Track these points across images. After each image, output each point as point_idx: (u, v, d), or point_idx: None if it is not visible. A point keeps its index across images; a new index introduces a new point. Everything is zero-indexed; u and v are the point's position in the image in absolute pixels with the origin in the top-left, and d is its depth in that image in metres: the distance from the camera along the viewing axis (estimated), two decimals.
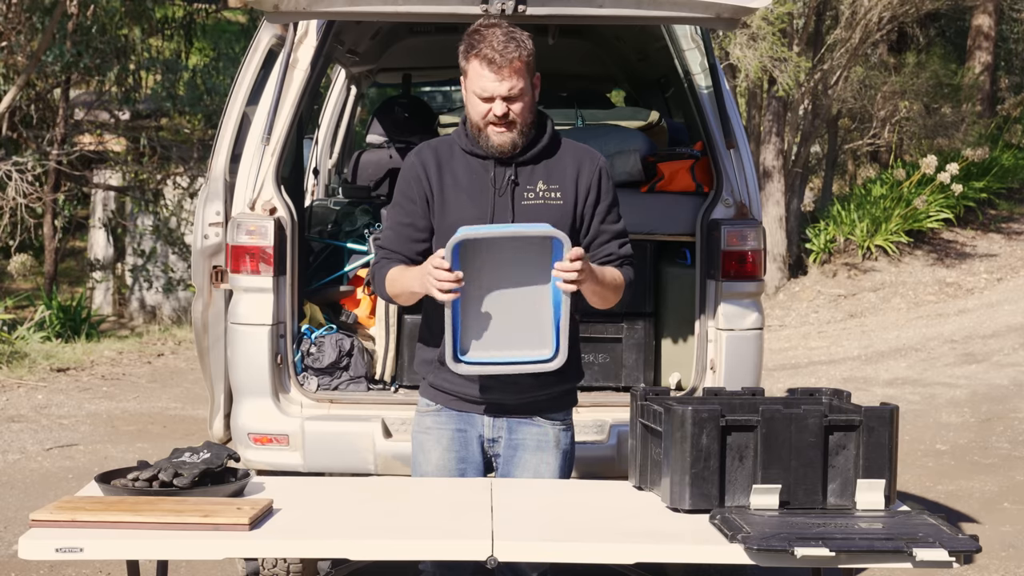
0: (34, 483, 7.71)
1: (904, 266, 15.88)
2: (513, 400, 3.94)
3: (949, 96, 18.01)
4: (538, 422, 3.99)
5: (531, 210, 3.86)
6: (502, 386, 3.90)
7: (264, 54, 5.53)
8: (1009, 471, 8.17)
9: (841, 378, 11.31)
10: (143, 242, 16.31)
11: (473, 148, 3.89)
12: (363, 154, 7.76)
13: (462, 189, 3.88)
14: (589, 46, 7.49)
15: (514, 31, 3.78)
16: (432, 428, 4.00)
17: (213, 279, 5.27)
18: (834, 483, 3.51)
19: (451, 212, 3.88)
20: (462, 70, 3.82)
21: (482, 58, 3.74)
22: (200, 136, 16.04)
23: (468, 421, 3.98)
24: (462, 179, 3.89)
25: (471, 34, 3.81)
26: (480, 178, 3.88)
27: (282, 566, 5.30)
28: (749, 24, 12.89)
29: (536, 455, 3.98)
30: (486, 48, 3.73)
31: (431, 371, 3.99)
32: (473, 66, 3.76)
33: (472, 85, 3.78)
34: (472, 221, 3.80)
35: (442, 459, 3.98)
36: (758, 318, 5.19)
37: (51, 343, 12.67)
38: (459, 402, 3.97)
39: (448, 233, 3.75)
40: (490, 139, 3.82)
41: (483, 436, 3.99)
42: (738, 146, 5.28)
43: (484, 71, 3.74)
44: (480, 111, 3.79)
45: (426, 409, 4.02)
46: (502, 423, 3.98)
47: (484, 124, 3.80)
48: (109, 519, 3.27)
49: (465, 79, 3.82)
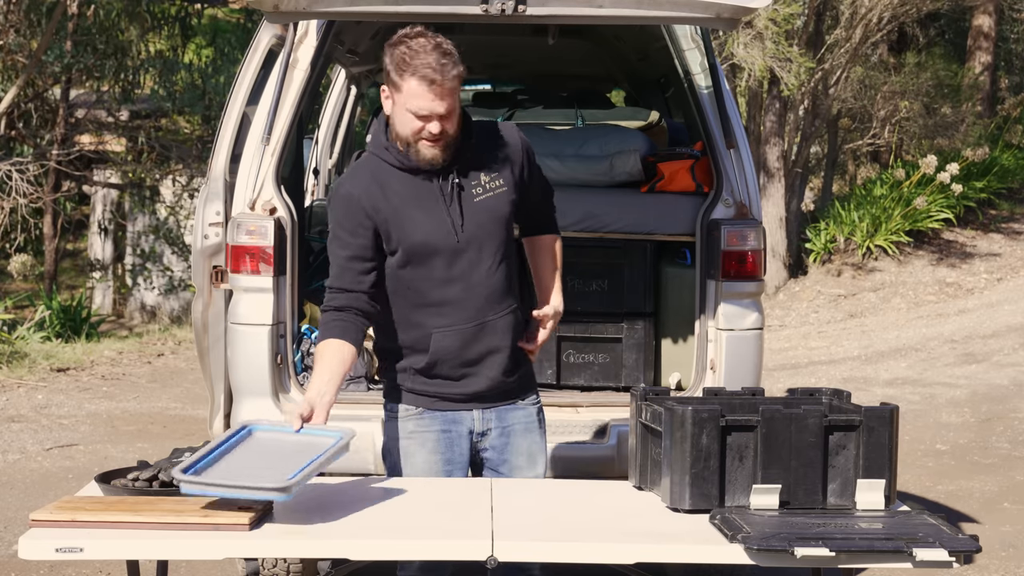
0: (34, 483, 7.71)
1: (904, 266, 15.88)
2: (493, 390, 3.99)
3: (949, 96, 18.00)
4: (520, 405, 4.07)
5: (484, 205, 3.90)
6: (487, 373, 3.96)
7: (264, 54, 5.53)
8: (1009, 471, 8.17)
9: (841, 378, 11.30)
10: (143, 242, 16.31)
11: (407, 163, 3.87)
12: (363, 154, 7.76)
13: (413, 204, 3.87)
14: (589, 46, 7.49)
15: (445, 44, 3.73)
16: (416, 432, 3.99)
17: (213, 279, 5.26)
18: (834, 483, 3.51)
19: (412, 230, 3.86)
20: (392, 83, 3.75)
21: (421, 77, 3.68)
22: (199, 135, 16.05)
23: (454, 420, 3.99)
24: (408, 196, 3.87)
25: (401, 48, 3.72)
26: (425, 190, 3.87)
27: (282, 566, 5.30)
28: (754, 24, 12.89)
29: (526, 437, 4.05)
30: (424, 68, 3.68)
31: (407, 377, 4.00)
32: (410, 84, 3.70)
33: (408, 103, 3.73)
34: (435, 233, 3.85)
35: (427, 462, 3.98)
36: (758, 318, 5.18)
37: (51, 343, 12.67)
38: (442, 402, 3.98)
39: (416, 248, 3.84)
40: (420, 153, 3.81)
41: (473, 431, 4.01)
42: (738, 146, 5.28)
43: (423, 90, 3.69)
44: (413, 127, 3.76)
45: (407, 414, 4.01)
46: (491, 414, 4.01)
47: (415, 139, 3.79)
48: (109, 519, 3.27)
49: (397, 94, 3.75)
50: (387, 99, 3.82)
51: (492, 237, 3.91)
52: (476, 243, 3.89)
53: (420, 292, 3.91)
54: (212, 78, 15.26)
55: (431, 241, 3.86)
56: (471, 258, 3.89)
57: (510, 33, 6.98)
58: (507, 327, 3.97)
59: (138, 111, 16.06)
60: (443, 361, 3.94)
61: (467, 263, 3.89)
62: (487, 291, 3.91)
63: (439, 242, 3.87)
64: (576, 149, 5.70)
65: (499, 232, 3.93)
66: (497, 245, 3.92)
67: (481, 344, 3.94)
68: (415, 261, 3.89)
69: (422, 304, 3.92)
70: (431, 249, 3.87)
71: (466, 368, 3.96)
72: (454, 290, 3.90)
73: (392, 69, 3.74)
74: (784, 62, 13.55)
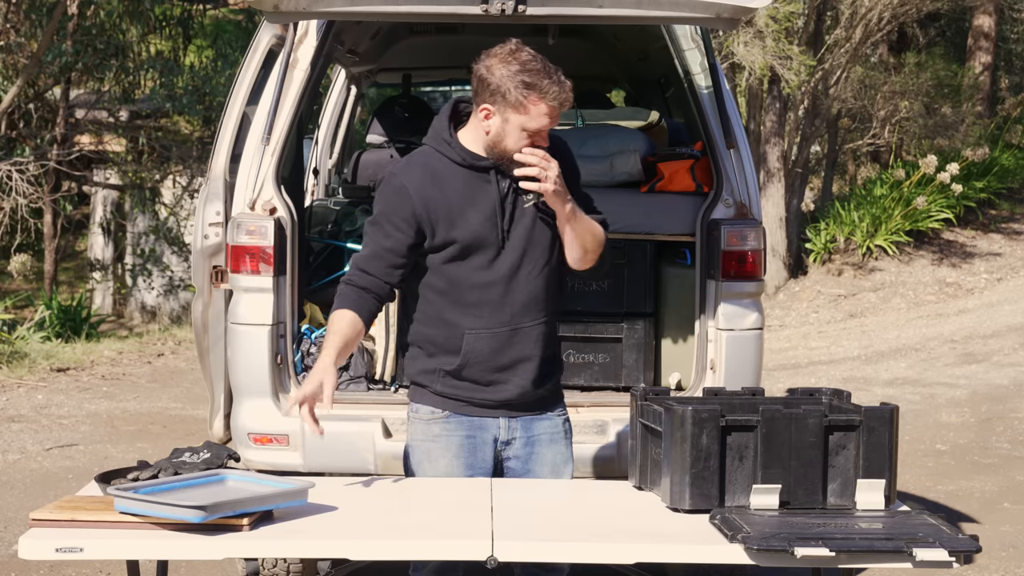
0: (34, 483, 7.71)
1: (904, 266, 15.88)
2: (523, 399, 3.99)
3: (949, 96, 18.00)
4: (547, 416, 4.07)
5: (529, 211, 3.94)
6: (518, 381, 3.96)
7: (264, 54, 5.53)
8: (1009, 471, 8.17)
9: (841, 378, 11.30)
10: (143, 242, 16.31)
11: (472, 161, 3.91)
12: (363, 154, 7.76)
13: (467, 202, 3.90)
14: (589, 46, 7.49)
15: (560, 72, 3.83)
16: (441, 435, 4.00)
17: (213, 279, 5.26)
18: (834, 483, 3.51)
19: (462, 227, 3.90)
20: (514, 103, 3.78)
21: (550, 100, 3.78)
22: (199, 135, 16.05)
23: (480, 426, 3.99)
24: (463, 192, 3.91)
25: (531, 72, 3.79)
26: (482, 190, 3.91)
27: (282, 566, 5.30)
28: (754, 22, 12.89)
29: (551, 448, 4.06)
30: (552, 91, 3.78)
31: (436, 380, 3.99)
32: (538, 108, 3.78)
33: (529, 123, 3.80)
34: (484, 233, 3.88)
35: (450, 466, 3.98)
36: (758, 318, 5.18)
37: (51, 343, 12.67)
38: (470, 407, 3.98)
39: (463, 246, 3.87)
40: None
41: (498, 439, 4.01)
42: (738, 146, 5.28)
43: (549, 111, 3.80)
44: (524, 143, 3.83)
45: (432, 417, 4.01)
46: (517, 423, 4.02)
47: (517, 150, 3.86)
48: (109, 519, 3.27)
49: (514, 112, 3.79)
50: (493, 116, 3.83)
51: (536, 244, 3.94)
52: (520, 247, 3.91)
53: (458, 290, 3.92)
54: (212, 79, 15.26)
55: (477, 239, 3.89)
56: (513, 261, 3.91)
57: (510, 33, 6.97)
58: (540, 336, 3.97)
59: (138, 111, 16.06)
60: (474, 364, 3.94)
61: (508, 266, 3.91)
62: (525, 297, 3.93)
63: (485, 241, 3.89)
64: (576, 149, 5.63)
65: (543, 239, 3.95)
66: (540, 252, 3.95)
67: (513, 350, 3.94)
68: (459, 257, 3.91)
69: (458, 303, 3.93)
70: (476, 247, 3.90)
71: (496, 374, 3.95)
72: (492, 292, 3.91)
73: (511, 90, 3.77)
74: (784, 60, 13.55)
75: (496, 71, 3.79)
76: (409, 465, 4.07)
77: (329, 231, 6.23)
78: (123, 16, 15.45)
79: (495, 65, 3.80)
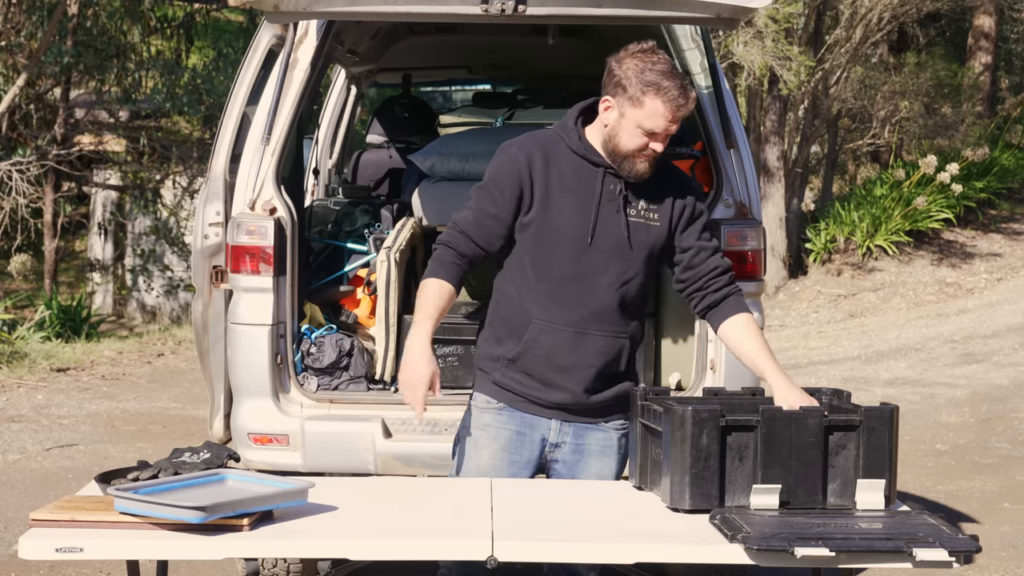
0: (34, 483, 7.71)
1: (904, 266, 15.88)
2: (577, 405, 3.95)
3: (949, 96, 18.00)
4: (602, 427, 4.02)
5: (633, 228, 3.91)
6: (572, 387, 3.92)
7: (264, 54, 5.53)
8: (1009, 471, 8.17)
9: (841, 378, 11.31)
10: (143, 243, 16.31)
11: (587, 154, 3.89)
12: (363, 154, 7.76)
13: (568, 190, 3.88)
14: (589, 46, 7.49)
15: (688, 81, 3.82)
16: (491, 425, 3.98)
17: (213, 279, 5.26)
18: (834, 483, 3.51)
19: (555, 212, 3.87)
20: (631, 98, 3.78)
21: (668, 100, 3.75)
22: (199, 136, 16.05)
23: (531, 424, 3.97)
24: (569, 179, 3.89)
25: (643, 64, 3.78)
26: (587, 183, 3.89)
27: (282, 566, 5.30)
28: (753, 23, 12.89)
29: (600, 460, 4.02)
30: (672, 90, 3.75)
31: (497, 368, 3.97)
32: (654, 104, 3.76)
33: (644, 120, 3.78)
34: (575, 225, 3.86)
35: (495, 457, 3.97)
36: (758, 318, 5.18)
37: (51, 343, 12.67)
38: (526, 403, 3.96)
39: (550, 230, 3.84)
40: (635, 166, 3.85)
41: (547, 440, 3.99)
42: (738, 146, 5.28)
43: (665, 112, 3.77)
44: (639, 143, 3.81)
45: (486, 406, 3.99)
46: (568, 428, 3.99)
47: (636, 154, 3.83)
48: (109, 519, 3.27)
49: (632, 107, 3.78)
50: (612, 110, 3.83)
51: (626, 256, 3.90)
52: (606, 255, 3.86)
53: (539, 277, 3.89)
54: (213, 79, 15.26)
55: (566, 230, 3.85)
56: (596, 266, 3.87)
57: (510, 33, 6.98)
58: (605, 349, 3.92)
59: (138, 112, 16.06)
60: (533, 356, 3.90)
61: (590, 268, 3.86)
62: (597, 305, 3.89)
63: (572, 234, 3.86)
64: None
65: (637, 255, 3.91)
66: (624, 268, 3.90)
67: (576, 354, 3.90)
68: (545, 242, 3.87)
69: (535, 290, 3.89)
70: (562, 238, 3.86)
71: (554, 374, 3.91)
72: (568, 288, 3.88)
73: (633, 83, 3.77)
74: (784, 60, 13.55)
75: (625, 63, 3.80)
76: (457, 451, 4.07)
77: (329, 231, 6.22)
78: (123, 17, 15.46)
79: (626, 59, 3.81)
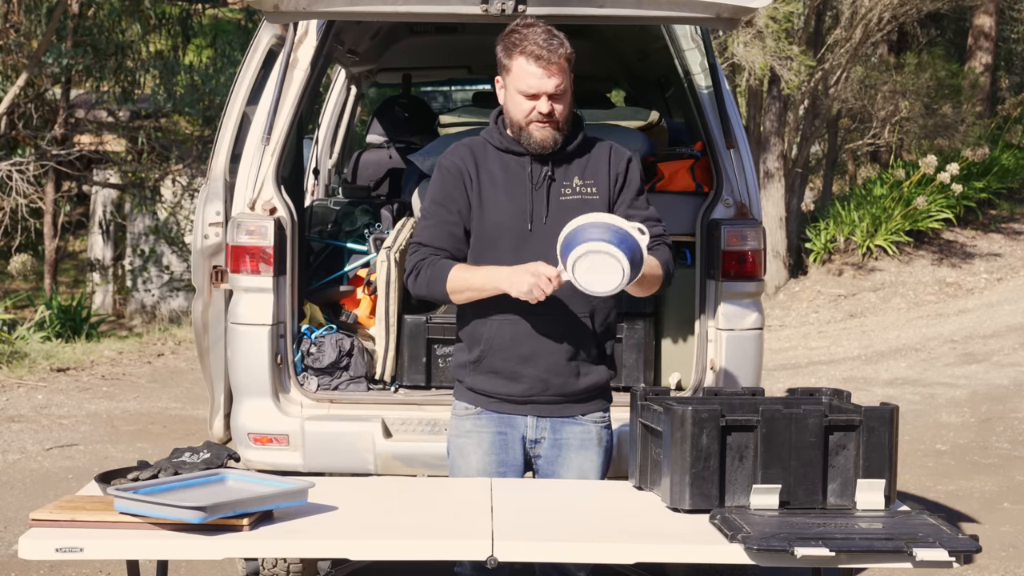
0: (34, 483, 7.71)
1: (904, 266, 15.88)
2: (546, 394, 3.95)
3: (949, 96, 18.00)
4: (580, 421, 4.03)
5: (569, 205, 3.89)
6: (540, 374, 3.91)
7: (264, 54, 5.53)
8: (1009, 471, 8.17)
9: (841, 378, 11.30)
10: (143, 242, 16.30)
11: (509, 146, 3.91)
12: (363, 154, 7.75)
13: (499, 188, 3.90)
14: (589, 46, 7.49)
15: (553, 29, 3.80)
16: (472, 431, 4.00)
17: (213, 279, 5.26)
18: (834, 483, 3.51)
19: (490, 212, 3.90)
20: (503, 68, 3.81)
21: (528, 54, 3.74)
22: (199, 135, 16.04)
23: (509, 423, 3.99)
24: (499, 177, 3.91)
25: (510, 34, 3.81)
26: (516, 175, 3.91)
27: (282, 566, 5.30)
28: (754, 23, 12.89)
29: (580, 453, 4.02)
30: (531, 45, 3.74)
31: (468, 374, 4.00)
32: (519, 63, 3.76)
33: (517, 83, 3.78)
34: (510, 218, 3.86)
35: (482, 462, 3.99)
36: (758, 318, 5.18)
37: (51, 343, 12.66)
38: (500, 403, 3.98)
39: (491, 227, 3.85)
40: (532, 136, 3.83)
41: (526, 437, 4.01)
42: (738, 146, 5.28)
43: (531, 67, 3.75)
44: (524, 109, 3.81)
45: (465, 412, 4.02)
46: (545, 423, 4.00)
47: (527, 122, 3.82)
48: (109, 519, 3.27)
49: (507, 76, 3.81)
50: (501, 88, 3.85)
51: None
52: (548, 238, 3.82)
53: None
54: (212, 79, 15.26)
55: (503, 223, 3.87)
56: (539, 251, 3.83)
57: None
58: (567, 331, 3.92)
59: (138, 111, 16.05)
60: (496, 350, 3.92)
61: (536, 253, 3.83)
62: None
63: (510, 225, 3.87)
64: None
65: None
66: None
67: (536, 340, 3.90)
68: (486, 242, 3.89)
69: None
70: (501, 231, 3.88)
71: (519, 365, 3.92)
72: None
73: (502, 54, 3.80)
74: (784, 60, 13.55)
75: (499, 43, 3.83)
76: (449, 460, 4.10)
77: (329, 231, 6.22)
78: (123, 15, 15.45)
79: (499, 39, 3.83)
